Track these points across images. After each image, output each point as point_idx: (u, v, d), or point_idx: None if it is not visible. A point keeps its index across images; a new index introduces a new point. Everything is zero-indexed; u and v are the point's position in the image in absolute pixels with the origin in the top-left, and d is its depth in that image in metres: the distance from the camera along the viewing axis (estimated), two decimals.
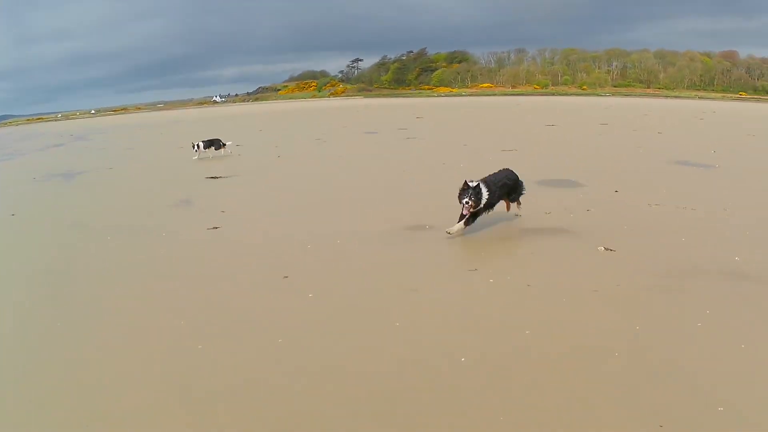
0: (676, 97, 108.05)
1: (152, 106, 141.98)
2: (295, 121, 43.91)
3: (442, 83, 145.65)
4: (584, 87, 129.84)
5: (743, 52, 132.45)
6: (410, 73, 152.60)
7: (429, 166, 16.90)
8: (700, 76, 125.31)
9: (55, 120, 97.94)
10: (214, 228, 10.35)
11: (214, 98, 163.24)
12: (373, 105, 74.54)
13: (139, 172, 19.08)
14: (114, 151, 27.66)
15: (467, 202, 8.62)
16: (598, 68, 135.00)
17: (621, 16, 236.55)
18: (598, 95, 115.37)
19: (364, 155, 20.21)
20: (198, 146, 20.79)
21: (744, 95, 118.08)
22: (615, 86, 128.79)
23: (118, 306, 6.83)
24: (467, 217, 8.84)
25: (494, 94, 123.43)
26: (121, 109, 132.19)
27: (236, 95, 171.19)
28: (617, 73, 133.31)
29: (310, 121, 44.05)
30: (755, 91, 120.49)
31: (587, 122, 33.26)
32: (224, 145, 21.52)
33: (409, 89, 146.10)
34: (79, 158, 24.95)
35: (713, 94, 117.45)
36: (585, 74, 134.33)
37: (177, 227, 10.70)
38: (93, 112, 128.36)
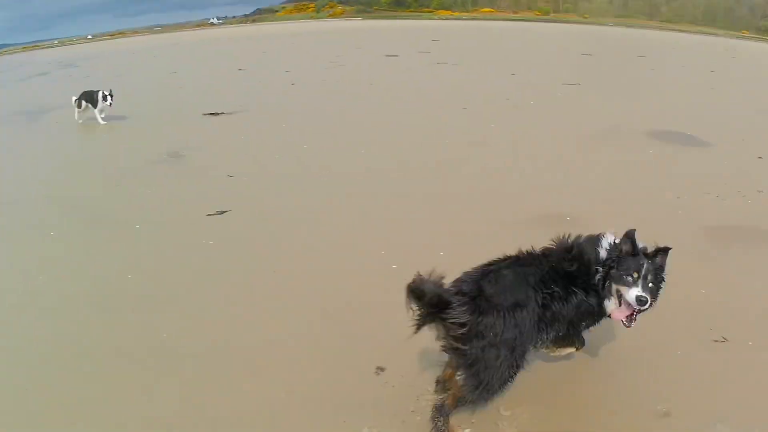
0: (681, 31, 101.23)
1: (150, 30, 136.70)
2: (302, 44, 38.94)
3: (442, 6, 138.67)
4: (586, 16, 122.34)
5: None
6: None
7: (492, 102, 12.99)
8: (703, 12, 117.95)
9: (51, 47, 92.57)
10: (218, 214, 6.63)
11: (211, 20, 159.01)
12: (379, 27, 68.30)
13: (119, 109, 15.19)
14: (99, 80, 23.36)
15: (641, 300, 2.94)
16: None
17: None
18: (602, 24, 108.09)
19: (397, 84, 15.90)
20: (82, 103, 12.33)
21: (746, 33, 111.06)
22: (617, 16, 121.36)
23: None
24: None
25: (496, 19, 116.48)
26: (119, 34, 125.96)
27: (234, 17, 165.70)
28: (620, 3, 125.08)
29: (317, 43, 38.94)
30: (758, 31, 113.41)
31: (630, 55, 28.76)
32: (107, 98, 12.21)
33: (410, 11, 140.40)
34: (58, 91, 20.81)
35: (718, 31, 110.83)
36: (587, 2, 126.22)
37: (156, 210, 6.77)
38: (89, 37, 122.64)
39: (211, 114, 12.28)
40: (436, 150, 8.85)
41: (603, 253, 3.08)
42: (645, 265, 2.96)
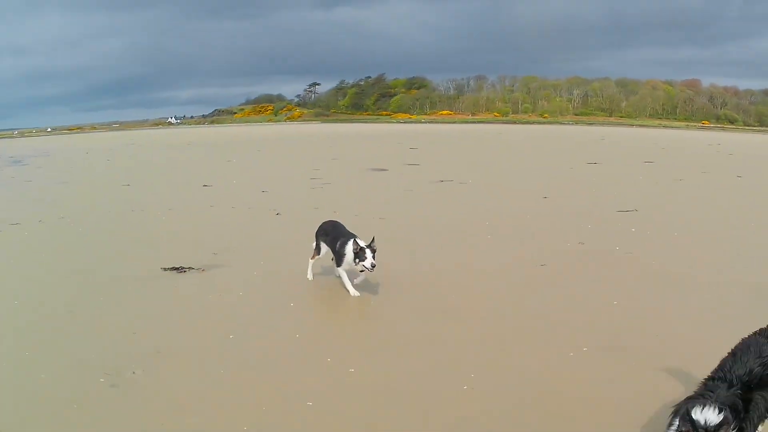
0: (642, 125, 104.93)
1: (108, 126, 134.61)
2: (268, 150, 35.95)
3: (400, 109, 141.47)
4: (545, 115, 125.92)
5: (705, 81, 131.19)
6: (368, 98, 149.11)
7: (556, 239, 9.84)
8: (662, 104, 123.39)
9: (10, 137, 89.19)
10: None
11: (170, 119, 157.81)
12: (342, 132, 67.02)
13: (49, 236, 11.14)
14: (41, 186, 19.09)
15: None
16: (559, 96, 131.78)
17: (580, 45, 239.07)
18: (560, 123, 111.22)
19: (414, 216, 12.47)
20: None
21: (707, 123, 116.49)
22: (577, 114, 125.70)
23: None
24: None
25: (454, 122, 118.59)
26: (77, 128, 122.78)
27: (192, 117, 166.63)
28: (578, 101, 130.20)
29: (284, 150, 36.06)
30: (717, 119, 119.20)
31: (630, 159, 26.87)
32: None
33: (368, 114, 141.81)
34: None
35: (676, 123, 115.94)
36: (546, 102, 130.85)
37: None
38: (49, 130, 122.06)
39: (174, 270, 8.35)
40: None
41: None
42: None
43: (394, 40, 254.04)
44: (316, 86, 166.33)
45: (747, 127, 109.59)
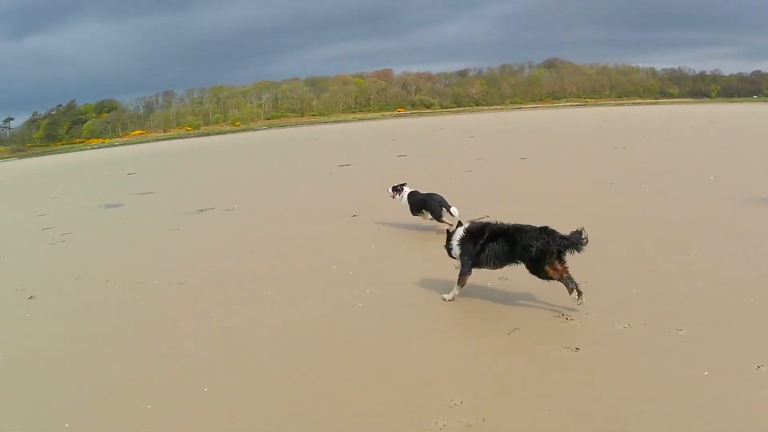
0: (335, 121, 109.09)
1: None
2: None
3: (93, 135, 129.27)
4: (237, 123, 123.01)
5: (398, 70, 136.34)
6: (61, 127, 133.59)
7: None
8: (355, 97, 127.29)
9: None
10: None
11: None
12: (45, 165, 52.25)
13: None
14: None
15: None
16: (250, 103, 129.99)
17: (264, 49, 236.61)
18: (252, 130, 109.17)
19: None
20: None
21: (402, 111, 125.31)
22: (268, 118, 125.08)
23: None
24: None
25: (147, 141, 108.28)
26: None
27: None
28: (269, 105, 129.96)
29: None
30: (413, 106, 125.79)
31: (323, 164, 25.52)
32: None
33: (62, 144, 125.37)
34: None
35: (371, 114, 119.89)
36: (237, 110, 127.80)
37: None
38: None
39: None
40: None
41: None
42: None
43: (83, 64, 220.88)
44: (11, 121, 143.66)
45: (444, 110, 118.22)
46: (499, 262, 5.46)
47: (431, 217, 8.85)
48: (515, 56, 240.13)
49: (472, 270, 5.63)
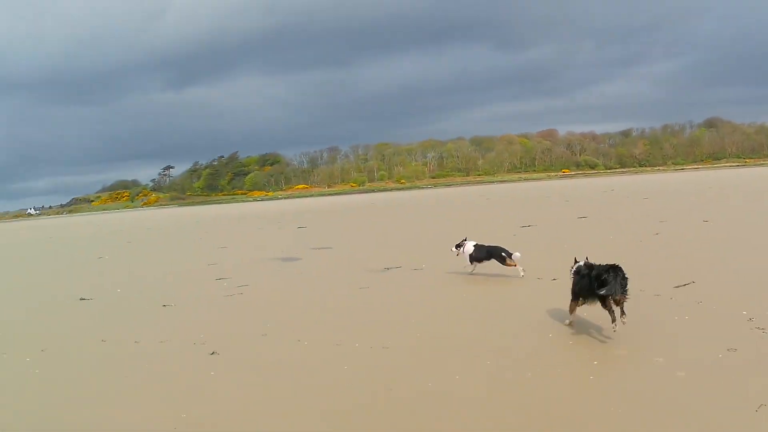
0: (501, 181, 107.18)
1: None
2: (145, 249, 26.52)
3: (255, 187, 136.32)
4: (402, 181, 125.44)
5: (562, 130, 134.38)
6: (222, 178, 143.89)
7: None
8: (520, 158, 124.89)
9: None
10: None
11: (29, 211, 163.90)
12: (207, 214, 58.52)
13: None
14: None
15: None
16: (415, 161, 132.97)
17: (430, 108, 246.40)
18: (418, 188, 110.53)
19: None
20: None
21: (567, 171, 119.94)
22: (433, 177, 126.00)
23: None
24: None
25: (311, 195, 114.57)
26: None
27: (50, 207, 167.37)
28: (434, 163, 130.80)
29: (163, 243, 27.62)
30: (578, 166, 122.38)
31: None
32: None
33: (223, 195, 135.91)
34: None
35: (536, 174, 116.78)
36: (401, 167, 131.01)
37: None
38: None
39: None
40: None
41: None
42: None
43: (244, 117, 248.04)
44: (171, 169, 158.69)
45: (608, 170, 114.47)
46: None
47: None
48: (676, 115, 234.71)
49: None
